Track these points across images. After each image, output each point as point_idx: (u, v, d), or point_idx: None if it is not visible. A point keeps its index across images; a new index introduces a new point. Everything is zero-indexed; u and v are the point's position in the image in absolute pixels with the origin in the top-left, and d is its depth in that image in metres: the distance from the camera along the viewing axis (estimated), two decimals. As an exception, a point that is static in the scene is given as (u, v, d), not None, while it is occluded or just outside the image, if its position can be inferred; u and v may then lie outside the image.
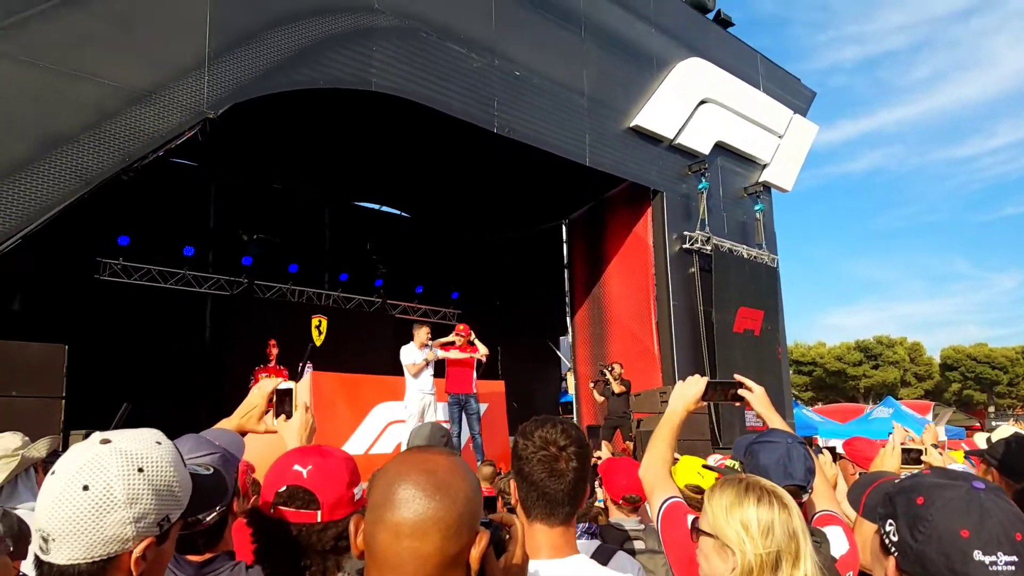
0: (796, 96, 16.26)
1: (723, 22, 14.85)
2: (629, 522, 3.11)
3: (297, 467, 1.44)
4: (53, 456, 2.56)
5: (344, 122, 10.72)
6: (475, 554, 0.98)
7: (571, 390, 14.78)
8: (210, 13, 7.46)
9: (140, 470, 1.07)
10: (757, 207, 14.78)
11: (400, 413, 9.22)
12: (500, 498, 4.78)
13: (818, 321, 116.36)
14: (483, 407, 9.60)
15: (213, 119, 7.39)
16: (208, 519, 1.63)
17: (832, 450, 4.45)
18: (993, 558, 1.05)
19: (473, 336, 9.24)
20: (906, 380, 54.04)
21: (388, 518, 0.96)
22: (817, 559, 1.49)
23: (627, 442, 10.49)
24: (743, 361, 13.35)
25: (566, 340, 15.26)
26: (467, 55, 9.85)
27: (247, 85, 7.69)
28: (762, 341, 14.14)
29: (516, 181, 12.83)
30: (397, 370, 9.09)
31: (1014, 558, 1.05)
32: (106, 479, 1.04)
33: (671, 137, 13.00)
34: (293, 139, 11.46)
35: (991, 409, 52.49)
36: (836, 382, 53.61)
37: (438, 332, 9.78)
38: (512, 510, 1.67)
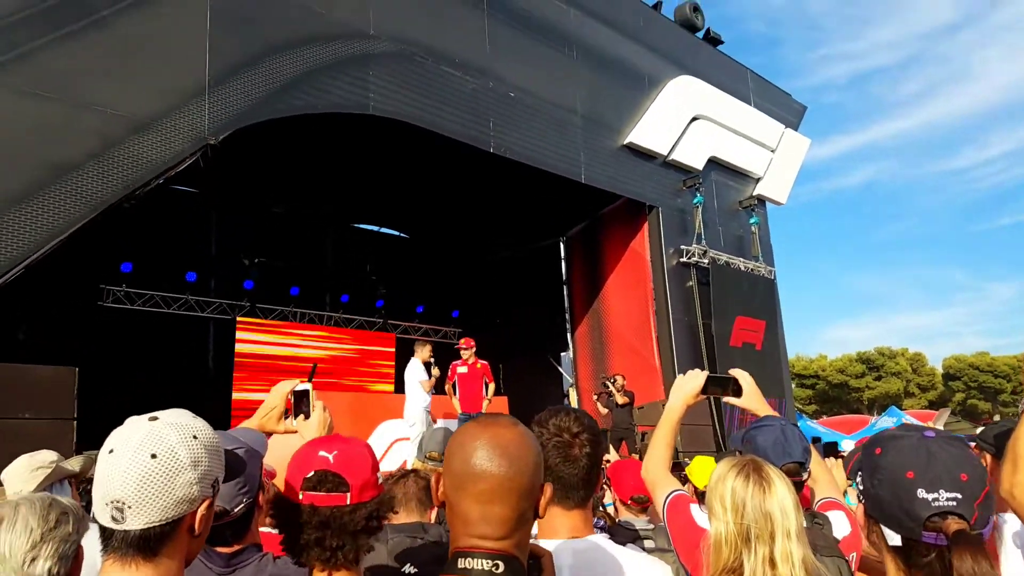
0: (787, 111, 16.47)
1: (712, 40, 15.08)
2: (639, 522, 3.17)
3: (323, 453, 1.49)
4: (85, 476, 2.71)
5: (343, 145, 10.88)
6: (543, 503, 1.16)
7: (574, 405, 14.82)
8: (209, 41, 7.63)
9: (194, 437, 1.20)
10: (752, 220, 14.93)
11: (403, 431, 9.29)
12: None
13: (820, 335, 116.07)
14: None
15: (214, 145, 7.53)
16: (236, 510, 1.66)
17: (830, 446, 4.35)
18: (935, 495, 1.15)
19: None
20: (910, 391, 53.88)
21: (471, 488, 1.10)
22: (806, 540, 1.58)
23: (633, 454, 10.57)
24: (743, 373, 13.41)
25: (567, 356, 15.31)
26: (462, 78, 10.04)
27: (247, 111, 7.83)
28: (764, 354, 14.20)
29: (513, 199, 12.98)
30: (400, 388, 9.18)
31: (956, 494, 1.15)
32: (169, 446, 1.16)
33: (665, 153, 13.17)
34: (293, 163, 11.61)
35: (996, 418, 51.84)
36: (839, 394, 53.47)
37: (439, 350, 9.86)
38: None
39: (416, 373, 8.92)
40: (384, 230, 15.90)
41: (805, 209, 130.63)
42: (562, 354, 15.91)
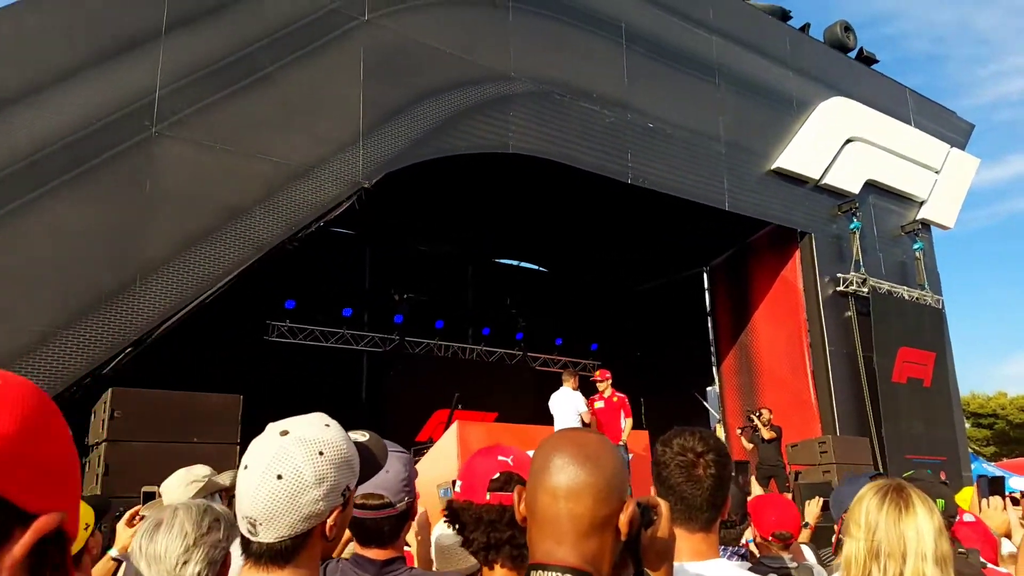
0: (952, 129, 15.28)
1: (866, 60, 14.33)
2: (781, 559, 3.02)
3: (501, 457, 1.59)
4: (235, 489, 2.89)
5: (484, 183, 11.19)
6: (623, 519, 1.08)
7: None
8: (363, 92, 8.16)
9: (321, 453, 1.22)
10: (916, 246, 13.87)
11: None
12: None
13: (997, 371, 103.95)
14: (629, 457, 9.44)
15: (368, 188, 8.00)
16: (399, 505, 1.71)
17: (996, 482, 3.68)
18: None
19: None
20: (1107, 432, 47.46)
21: (547, 483, 1.09)
22: (950, 569, 1.52)
23: (784, 493, 9.91)
24: (908, 410, 12.39)
25: (713, 391, 14.77)
26: (600, 111, 10.09)
27: (398, 155, 8.29)
28: (933, 391, 13.07)
29: (653, 230, 12.81)
30: (538, 420, 9.14)
31: None
32: (295, 466, 1.20)
33: (816, 177, 12.55)
34: (437, 202, 12.08)
35: None
36: (1022, 435, 47.99)
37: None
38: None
39: (575, 403, 8.45)
40: (524, 264, 16.14)
41: (978, 235, 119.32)
42: (707, 389, 15.36)
